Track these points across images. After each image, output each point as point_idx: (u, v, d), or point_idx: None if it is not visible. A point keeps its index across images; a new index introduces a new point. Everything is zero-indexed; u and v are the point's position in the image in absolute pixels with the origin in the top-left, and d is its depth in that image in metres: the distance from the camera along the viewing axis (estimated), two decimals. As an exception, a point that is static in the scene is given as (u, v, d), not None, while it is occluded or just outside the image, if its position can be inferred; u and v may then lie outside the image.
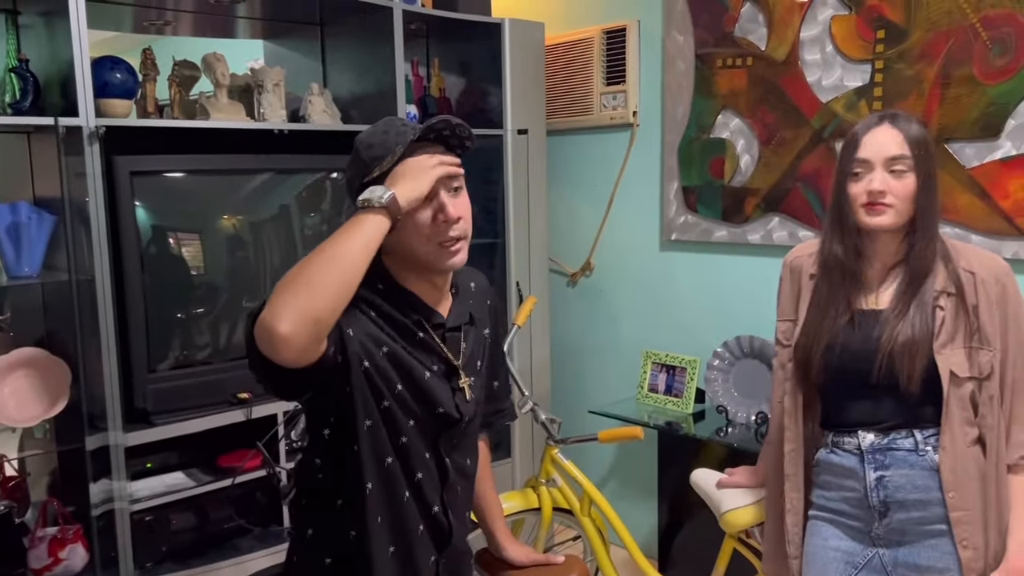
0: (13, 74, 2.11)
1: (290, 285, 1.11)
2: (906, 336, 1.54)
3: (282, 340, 1.08)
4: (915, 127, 1.59)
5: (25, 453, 2.43)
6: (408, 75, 2.91)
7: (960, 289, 1.55)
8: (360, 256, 1.15)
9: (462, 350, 1.39)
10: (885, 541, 1.60)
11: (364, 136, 1.31)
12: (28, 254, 2.08)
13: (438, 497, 1.38)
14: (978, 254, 1.61)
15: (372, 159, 1.27)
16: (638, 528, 3.13)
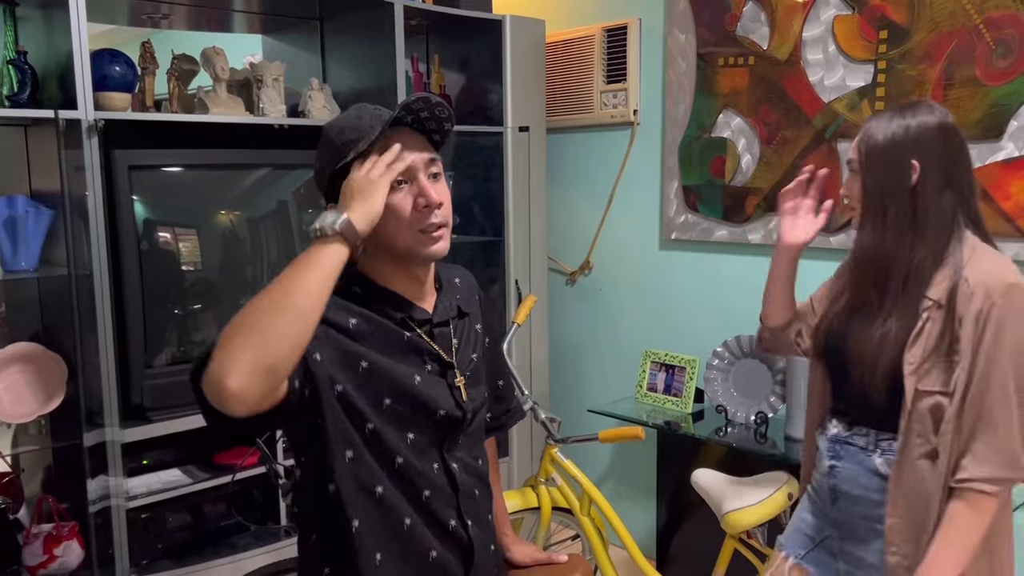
0: (11, 66, 2.09)
1: (239, 333, 1.00)
2: (876, 340, 1.51)
3: (232, 395, 0.98)
4: (887, 126, 1.49)
5: (19, 449, 2.41)
6: (408, 71, 2.89)
7: (952, 300, 1.45)
8: (318, 293, 1.05)
9: (453, 345, 1.33)
10: (836, 525, 1.63)
11: (334, 122, 1.26)
12: (25, 248, 2.06)
13: (453, 511, 1.31)
14: (986, 265, 1.45)
15: (345, 143, 1.21)
16: (637, 527, 3.13)
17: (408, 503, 1.26)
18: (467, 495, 1.33)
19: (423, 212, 1.22)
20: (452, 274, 1.44)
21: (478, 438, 1.42)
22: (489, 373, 1.48)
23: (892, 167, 1.48)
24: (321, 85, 2.62)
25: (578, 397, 3.41)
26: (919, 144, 1.47)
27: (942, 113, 1.50)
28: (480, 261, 3.13)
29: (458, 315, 1.36)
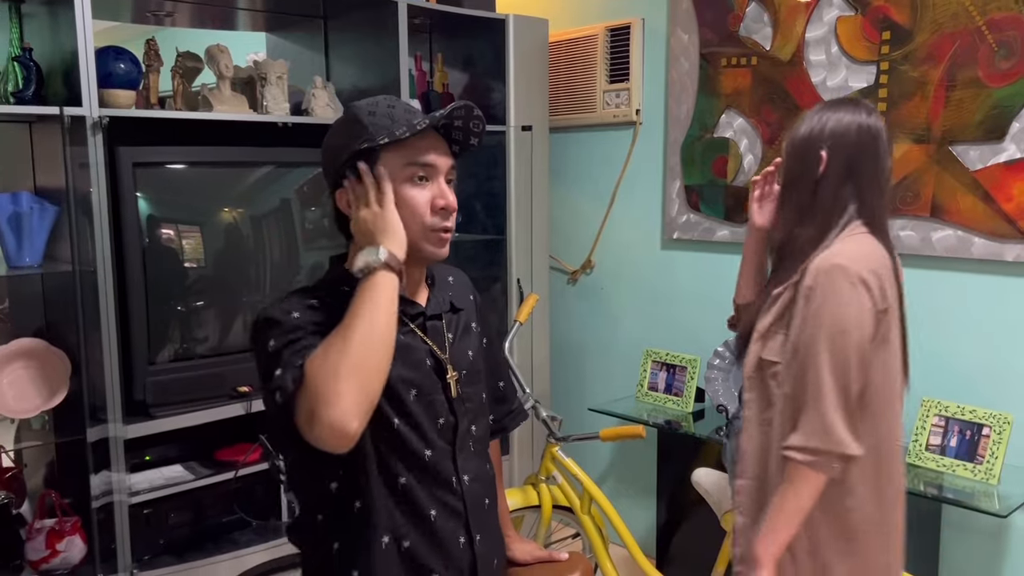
0: (16, 63, 2.09)
1: (348, 377, 1.05)
2: (748, 320, 1.65)
3: (353, 438, 1.06)
4: (811, 119, 1.59)
5: (22, 444, 2.42)
6: (411, 70, 2.90)
7: (801, 277, 1.54)
8: (393, 322, 1.13)
9: (447, 339, 1.32)
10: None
11: (364, 104, 1.25)
12: (29, 244, 2.06)
13: (462, 528, 1.30)
14: (835, 248, 1.52)
15: (376, 127, 1.21)
16: (637, 526, 3.14)
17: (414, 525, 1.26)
18: (477, 507, 1.32)
19: (439, 213, 1.24)
20: (445, 273, 1.43)
21: (485, 444, 1.40)
22: (489, 374, 1.46)
23: (803, 156, 1.58)
24: (325, 83, 2.63)
25: (579, 396, 3.41)
26: (831, 137, 1.55)
27: (866, 113, 1.57)
28: (482, 259, 3.14)
29: (451, 310, 1.36)
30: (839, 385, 1.46)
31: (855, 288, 1.46)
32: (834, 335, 1.46)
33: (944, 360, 2.42)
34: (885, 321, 1.49)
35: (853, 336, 1.45)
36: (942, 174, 2.37)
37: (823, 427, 1.45)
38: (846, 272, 1.47)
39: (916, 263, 2.45)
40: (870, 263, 1.49)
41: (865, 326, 1.46)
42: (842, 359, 1.46)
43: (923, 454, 2.31)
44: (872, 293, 1.47)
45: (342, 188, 1.25)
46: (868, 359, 1.48)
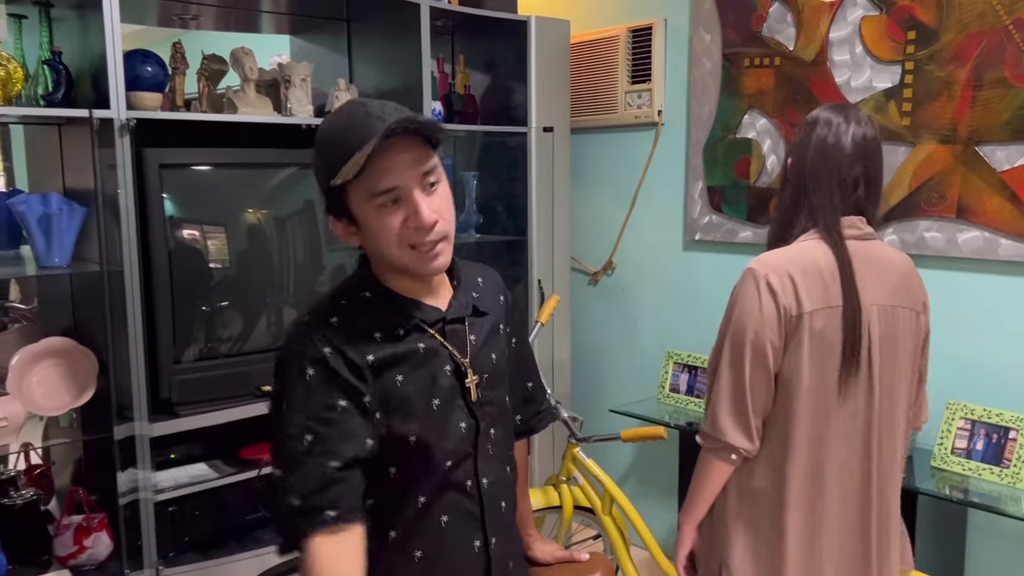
0: (46, 66, 2.13)
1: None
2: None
3: None
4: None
5: (51, 442, 2.45)
6: (434, 71, 2.91)
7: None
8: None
9: (469, 342, 1.29)
10: None
11: (322, 131, 1.19)
12: (59, 245, 2.09)
13: (479, 531, 1.28)
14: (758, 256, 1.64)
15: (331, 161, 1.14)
16: (658, 528, 3.13)
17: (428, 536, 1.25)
18: (494, 512, 1.30)
19: (416, 232, 1.16)
20: (475, 272, 1.40)
21: (507, 447, 1.37)
22: (518, 374, 1.45)
23: (783, 167, 1.68)
24: (348, 85, 2.65)
25: (600, 397, 3.41)
26: (795, 148, 1.62)
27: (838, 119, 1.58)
28: (503, 260, 3.14)
29: (474, 313, 1.32)
30: (731, 380, 1.54)
31: (758, 290, 1.52)
32: (734, 334, 1.54)
33: (970, 363, 2.39)
34: (800, 326, 1.51)
35: (749, 336, 1.52)
36: (968, 175, 2.35)
37: (715, 418, 1.56)
38: (754, 274, 1.54)
39: (942, 265, 2.43)
40: (788, 267, 1.52)
41: (763, 327, 1.51)
42: (737, 357, 1.53)
43: (948, 457, 2.29)
44: (777, 296, 1.51)
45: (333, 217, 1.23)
46: (770, 361, 1.52)
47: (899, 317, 1.58)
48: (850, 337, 1.52)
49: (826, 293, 1.52)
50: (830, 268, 1.52)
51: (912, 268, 1.64)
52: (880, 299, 1.56)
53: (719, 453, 1.58)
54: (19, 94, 2.03)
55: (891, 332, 1.57)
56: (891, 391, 1.59)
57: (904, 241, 2.47)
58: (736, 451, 1.56)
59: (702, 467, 1.62)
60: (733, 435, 1.54)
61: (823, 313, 1.51)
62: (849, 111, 1.59)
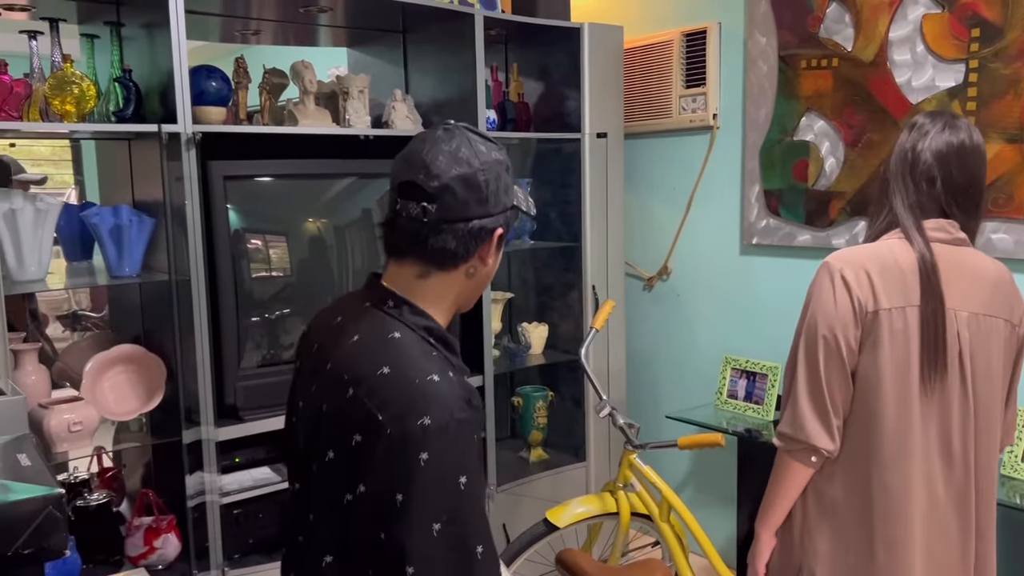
0: (117, 83, 2.21)
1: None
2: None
3: None
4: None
5: (121, 445, 2.54)
6: (488, 80, 2.94)
7: None
8: None
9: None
10: None
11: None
12: (129, 255, 2.17)
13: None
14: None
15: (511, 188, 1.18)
16: (717, 536, 3.10)
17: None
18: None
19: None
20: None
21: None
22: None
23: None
24: (404, 96, 2.69)
25: (656, 403, 3.39)
26: (890, 155, 1.60)
27: (926, 125, 1.56)
28: (558, 266, 3.15)
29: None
30: (807, 377, 1.52)
31: (833, 284, 1.51)
32: (809, 329, 1.53)
33: (1041, 368, 2.32)
34: (876, 323, 1.48)
35: (822, 331, 1.50)
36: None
37: (794, 417, 1.53)
38: (829, 268, 1.53)
39: (1010, 266, 2.35)
40: (865, 263, 1.50)
41: (838, 322, 1.49)
42: (812, 353, 1.51)
43: (1019, 465, 2.22)
44: (852, 291, 1.49)
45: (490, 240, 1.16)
46: (844, 357, 1.49)
47: (992, 327, 1.52)
48: (930, 337, 1.47)
49: (906, 292, 1.48)
50: (911, 267, 1.49)
51: (1008, 278, 1.57)
52: (971, 306, 1.51)
53: (798, 455, 1.54)
54: (92, 111, 2.12)
55: (984, 341, 1.51)
56: (988, 402, 1.52)
57: (970, 243, 2.41)
58: (817, 452, 1.52)
59: (780, 470, 1.59)
60: (814, 434, 1.50)
61: (903, 312, 1.48)
62: (945, 116, 1.57)
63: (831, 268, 1.52)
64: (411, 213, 1.11)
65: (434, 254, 1.12)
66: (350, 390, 1.08)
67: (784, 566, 1.64)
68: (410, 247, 1.14)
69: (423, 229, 1.11)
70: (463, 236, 1.12)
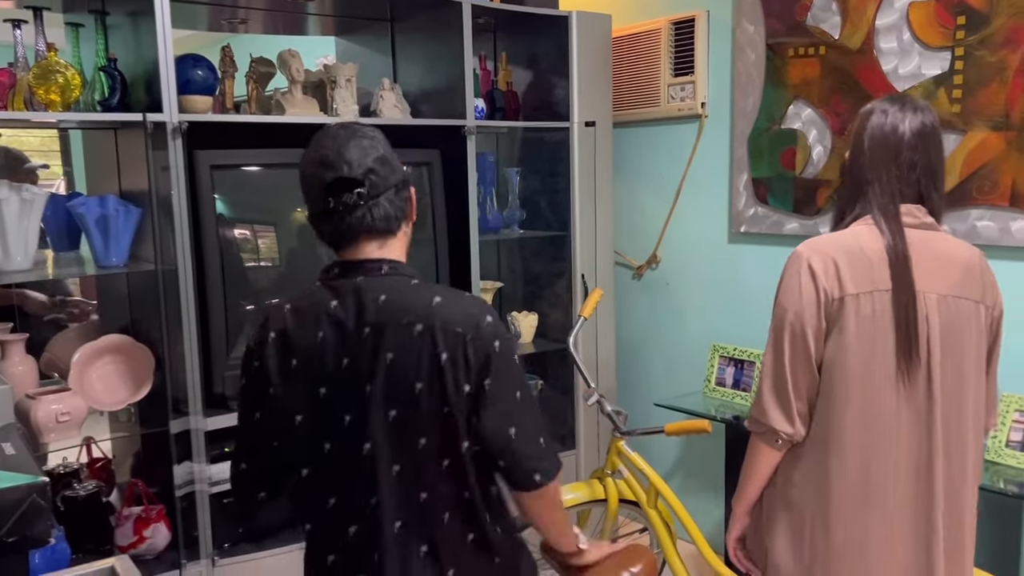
0: (102, 73, 2.20)
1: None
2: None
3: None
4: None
5: (110, 436, 2.54)
6: (476, 69, 2.94)
7: None
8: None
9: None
10: None
11: (301, 165, 1.43)
12: (116, 245, 2.17)
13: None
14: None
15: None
16: (705, 522, 3.12)
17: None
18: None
19: None
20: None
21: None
22: None
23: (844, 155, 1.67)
24: (392, 85, 2.69)
25: (645, 391, 3.41)
26: (853, 138, 1.62)
27: (893, 109, 1.57)
28: (546, 255, 3.16)
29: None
30: (773, 362, 1.56)
31: (799, 274, 1.54)
32: (775, 316, 1.57)
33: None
34: (842, 310, 1.50)
35: (788, 318, 1.53)
36: (1022, 162, 2.29)
37: (759, 402, 1.58)
38: (797, 257, 1.56)
39: (994, 254, 2.37)
40: (831, 251, 1.53)
41: (803, 311, 1.52)
42: (778, 340, 1.55)
43: (1003, 451, 2.24)
44: (817, 278, 1.52)
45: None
46: (810, 345, 1.52)
47: (962, 309, 1.52)
48: (903, 322, 1.48)
49: (872, 276, 1.50)
50: (878, 252, 1.51)
51: (979, 262, 1.57)
52: (939, 288, 1.50)
53: (764, 437, 1.60)
54: (77, 100, 2.11)
55: (954, 324, 1.51)
56: (957, 388, 1.52)
57: (955, 231, 2.42)
58: (779, 435, 1.56)
59: (750, 451, 1.65)
60: (775, 418, 1.55)
61: (871, 297, 1.49)
62: (906, 100, 1.58)
63: (799, 257, 1.56)
64: (348, 201, 1.32)
65: (381, 223, 1.35)
66: (415, 328, 1.29)
67: (755, 545, 1.71)
68: (359, 227, 1.34)
69: (363, 208, 1.33)
70: (394, 201, 1.36)
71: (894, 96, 1.62)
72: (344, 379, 1.33)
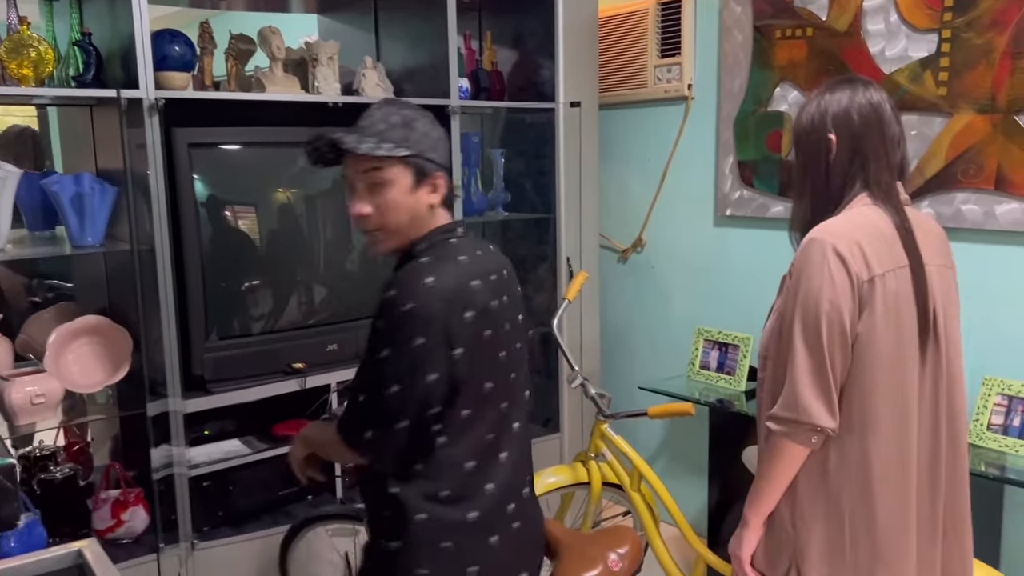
0: (77, 48, 2.15)
1: None
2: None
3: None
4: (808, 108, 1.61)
5: (87, 418, 2.51)
6: (460, 48, 2.90)
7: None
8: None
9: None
10: None
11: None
12: (91, 224, 2.12)
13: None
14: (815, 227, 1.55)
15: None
16: (688, 505, 3.12)
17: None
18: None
19: (354, 221, 1.48)
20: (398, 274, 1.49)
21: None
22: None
23: (813, 144, 1.58)
24: (375, 63, 2.65)
25: (629, 374, 3.40)
26: (834, 120, 1.55)
27: (863, 87, 1.56)
28: (531, 238, 3.13)
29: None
30: (811, 357, 1.47)
31: (826, 260, 1.47)
32: (806, 307, 1.48)
33: (1008, 337, 2.34)
34: (872, 291, 1.48)
35: (823, 307, 1.46)
36: (1007, 145, 2.29)
37: (795, 398, 1.47)
38: (820, 244, 1.49)
39: (979, 238, 2.37)
40: (852, 234, 1.49)
41: (838, 298, 1.46)
42: (813, 331, 1.47)
43: (984, 434, 2.25)
44: (847, 264, 1.47)
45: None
46: (847, 331, 1.47)
47: (948, 277, 1.57)
48: (922, 297, 1.49)
49: (892, 254, 1.49)
50: (889, 230, 1.50)
51: (942, 230, 1.65)
52: (934, 260, 1.54)
53: (797, 436, 1.48)
54: (51, 76, 2.06)
55: (946, 291, 1.55)
56: (955, 356, 1.56)
57: (940, 214, 2.42)
58: (819, 432, 1.47)
59: (776, 454, 1.52)
60: (817, 414, 1.46)
61: (893, 274, 1.48)
62: (859, 79, 1.59)
63: (823, 244, 1.48)
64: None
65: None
66: (516, 284, 1.57)
67: (773, 554, 1.59)
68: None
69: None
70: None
71: (845, 77, 1.61)
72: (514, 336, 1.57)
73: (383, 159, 1.42)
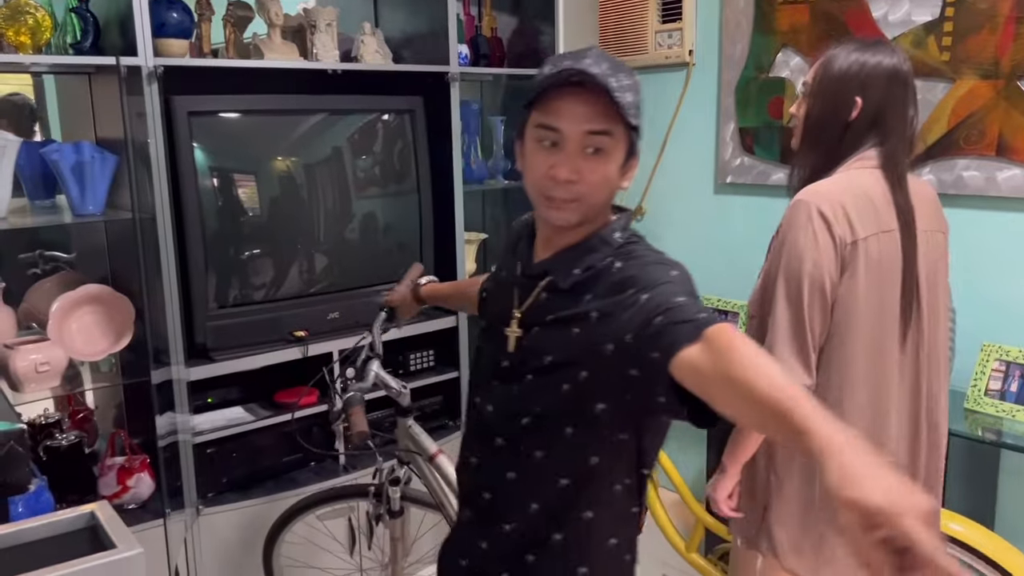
0: (74, 14, 2.14)
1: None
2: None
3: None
4: (845, 59, 1.57)
5: (92, 386, 2.52)
6: (459, 14, 2.87)
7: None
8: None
9: (528, 303, 1.25)
10: None
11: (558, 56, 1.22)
12: (92, 193, 2.12)
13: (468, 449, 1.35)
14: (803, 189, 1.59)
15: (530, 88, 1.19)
16: (687, 471, 3.15)
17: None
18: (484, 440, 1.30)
19: (550, 181, 1.17)
20: (628, 269, 1.22)
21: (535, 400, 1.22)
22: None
23: (838, 99, 1.56)
24: (373, 29, 2.62)
25: (630, 342, 3.41)
26: (866, 83, 1.53)
27: (900, 59, 1.55)
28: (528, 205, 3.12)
29: (551, 286, 1.24)
30: (790, 315, 1.51)
31: (811, 221, 1.49)
32: (789, 267, 1.51)
33: (1007, 303, 2.35)
34: (855, 254, 1.49)
35: (806, 267, 1.49)
36: (1010, 111, 2.28)
37: (772, 353, 1.51)
38: (805, 205, 1.51)
39: (980, 204, 2.37)
40: (839, 196, 1.49)
41: (820, 259, 1.48)
42: (795, 290, 1.50)
43: (982, 399, 2.26)
44: (831, 225, 1.48)
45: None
46: (827, 292, 1.49)
47: (937, 242, 1.58)
48: (910, 262, 1.50)
49: (878, 218, 1.50)
50: (882, 194, 1.51)
51: (936, 196, 1.65)
52: (923, 225, 1.55)
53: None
54: (48, 43, 2.04)
55: (932, 258, 1.56)
56: (936, 323, 1.57)
57: (942, 180, 2.42)
58: None
59: None
60: (795, 371, 1.50)
61: (876, 239, 1.49)
62: (900, 51, 1.56)
63: (808, 205, 1.50)
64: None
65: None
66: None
67: (750, 503, 1.67)
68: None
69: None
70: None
71: (887, 41, 1.59)
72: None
73: (617, 126, 1.17)
